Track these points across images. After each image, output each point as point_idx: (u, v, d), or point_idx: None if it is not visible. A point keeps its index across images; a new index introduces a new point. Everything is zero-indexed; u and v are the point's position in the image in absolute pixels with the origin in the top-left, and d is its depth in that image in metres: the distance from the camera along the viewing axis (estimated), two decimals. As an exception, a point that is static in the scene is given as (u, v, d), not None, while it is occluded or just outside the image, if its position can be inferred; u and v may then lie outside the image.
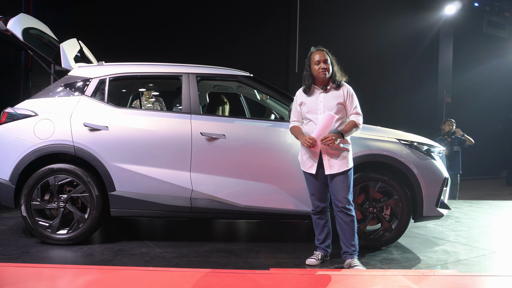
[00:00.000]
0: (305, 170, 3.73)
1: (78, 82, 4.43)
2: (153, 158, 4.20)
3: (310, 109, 3.67)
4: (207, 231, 5.19)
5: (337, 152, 3.60)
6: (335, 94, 3.66)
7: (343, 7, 12.90)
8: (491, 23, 15.41)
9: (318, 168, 3.65)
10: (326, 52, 3.70)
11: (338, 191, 3.61)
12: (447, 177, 4.48)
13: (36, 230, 4.20)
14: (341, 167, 3.59)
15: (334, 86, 3.69)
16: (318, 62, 3.64)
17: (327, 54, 3.69)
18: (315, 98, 3.69)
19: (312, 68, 3.68)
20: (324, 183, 3.70)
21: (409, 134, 4.54)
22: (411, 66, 14.13)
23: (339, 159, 3.60)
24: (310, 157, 3.67)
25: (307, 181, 3.76)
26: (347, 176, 3.62)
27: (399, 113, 13.02)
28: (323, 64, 3.63)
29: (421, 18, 13.98)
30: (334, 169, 3.59)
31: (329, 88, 3.69)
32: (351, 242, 3.63)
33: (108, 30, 9.78)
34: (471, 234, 5.17)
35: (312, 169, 3.66)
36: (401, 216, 4.27)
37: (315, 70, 3.66)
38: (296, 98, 3.81)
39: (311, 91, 3.72)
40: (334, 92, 3.67)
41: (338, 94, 3.66)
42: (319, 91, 3.70)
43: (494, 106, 15.71)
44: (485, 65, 15.26)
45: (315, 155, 3.64)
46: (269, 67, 11.97)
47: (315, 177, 3.68)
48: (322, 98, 3.66)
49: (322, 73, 3.63)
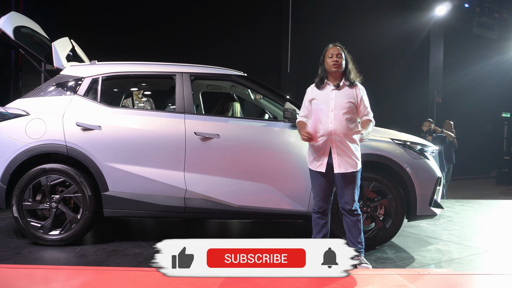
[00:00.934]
0: (313, 169, 3.64)
1: (70, 81, 4.39)
2: (147, 158, 4.17)
3: (321, 106, 3.60)
4: (201, 231, 5.16)
5: (347, 152, 3.55)
6: (348, 92, 3.61)
7: (335, 8, 12.95)
8: (481, 24, 15.57)
9: (327, 168, 3.59)
10: (341, 48, 3.67)
11: (346, 192, 3.57)
12: (440, 177, 4.51)
13: (27, 231, 4.15)
14: (350, 167, 3.54)
15: (347, 84, 3.64)
16: (331, 56, 3.62)
17: (342, 50, 3.66)
18: (326, 94, 3.62)
19: (326, 62, 3.65)
20: (330, 183, 3.65)
21: (402, 134, 4.55)
22: (403, 66, 14.23)
23: (349, 159, 3.55)
24: (319, 155, 3.60)
25: (314, 180, 3.68)
26: (355, 176, 3.57)
27: (391, 113, 13.09)
28: (336, 58, 3.60)
29: (412, 19, 14.07)
30: (342, 168, 3.53)
31: (342, 86, 3.63)
32: (357, 240, 3.61)
33: (99, 29, 9.73)
34: (463, 233, 5.20)
35: (322, 168, 3.58)
36: (395, 216, 4.28)
37: (327, 64, 3.63)
38: (307, 94, 3.75)
39: (323, 85, 3.66)
40: (347, 90, 3.62)
41: (351, 93, 3.61)
42: (331, 88, 3.63)
43: (484, 106, 15.87)
44: (475, 65, 15.41)
45: (325, 154, 3.58)
46: (261, 66, 11.98)
47: (323, 176, 3.61)
48: (334, 95, 3.59)
49: (334, 66, 3.59)
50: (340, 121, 3.53)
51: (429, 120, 9.26)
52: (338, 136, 3.53)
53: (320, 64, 3.71)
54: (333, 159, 3.55)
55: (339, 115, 3.54)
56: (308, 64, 12.27)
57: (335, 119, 3.54)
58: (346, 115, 3.55)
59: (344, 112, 3.55)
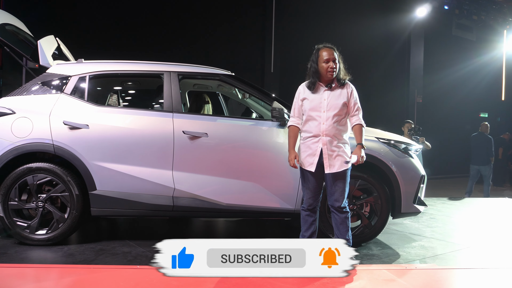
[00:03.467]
0: (304, 168, 3.68)
1: (56, 80, 4.35)
2: (135, 157, 4.17)
3: (313, 107, 3.63)
4: (189, 229, 5.17)
5: (338, 151, 3.60)
6: (340, 93, 3.65)
7: (318, 9, 13.06)
8: (460, 26, 15.87)
9: (317, 167, 3.63)
10: (334, 50, 3.66)
11: (336, 190, 3.63)
12: (424, 175, 4.61)
13: (14, 230, 4.11)
14: (341, 166, 3.60)
15: (338, 84, 3.67)
16: (327, 61, 3.60)
17: (335, 51, 3.66)
18: (319, 95, 3.65)
19: (320, 66, 3.63)
20: (320, 182, 3.70)
21: (387, 133, 4.64)
22: (384, 67, 14.41)
23: (339, 158, 3.60)
24: (310, 155, 3.63)
25: (304, 179, 3.73)
26: (346, 175, 3.64)
27: (372, 113, 13.18)
28: (332, 63, 3.59)
29: (393, 20, 14.27)
30: (334, 168, 3.59)
31: (334, 87, 3.67)
32: (345, 237, 3.67)
33: (78, 27, 9.62)
34: (445, 230, 5.33)
35: (312, 167, 3.62)
36: (380, 213, 4.36)
37: (323, 68, 3.61)
38: (299, 93, 3.76)
39: (315, 87, 3.68)
40: (339, 91, 3.66)
41: (343, 93, 3.65)
42: (324, 89, 3.67)
43: (463, 107, 16.17)
44: (454, 66, 15.70)
45: (316, 153, 3.61)
46: (244, 66, 12.00)
47: (314, 175, 3.65)
48: (327, 96, 3.63)
49: (330, 73, 3.60)
50: (332, 121, 3.59)
51: (409, 121, 9.37)
52: (329, 137, 3.59)
53: (311, 63, 3.68)
54: (324, 159, 3.60)
55: (331, 116, 3.60)
56: (291, 64, 12.39)
57: (327, 120, 3.59)
58: (337, 116, 3.61)
59: (336, 113, 3.60)
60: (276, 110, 4.11)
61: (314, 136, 3.62)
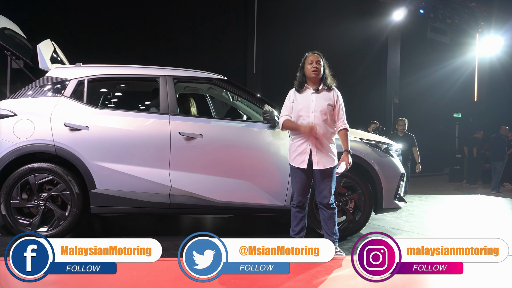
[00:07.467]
0: (295, 166, 3.96)
1: (56, 83, 4.51)
2: (133, 157, 4.37)
3: (302, 107, 3.95)
4: (185, 226, 5.38)
5: (325, 149, 3.92)
6: (326, 96, 3.98)
7: (299, 12, 13.36)
8: (435, 29, 16.41)
9: (308, 164, 3.92)
10: (320, 55, 4.02)
11: (324, 187, 3.93)
12: (404, 173, 4.94)
13: (16, 228, 4.27)
14: (328, 163, 3.91)
15: (325, 88, 4.01)
16: (311, 62, 3.97)
17: (320, 57, 4.01)
18: (307, 97, 3.98)
19: (305, 68, 3.99)
20: (310, 179, 3.99)
21: (369, 134, 4.96)
22: (362, 69, 14.81)
23: (327, 156, 3.92)
24: (300, 154, 3.93)
25: (295, 177, 4.01)
26: (333, 172, 3.95)
27: (352, 114, 13.54)
28: (315, 64, 3.95)
29: (371, 23, 14.68)
30: (321, 165, 3.89)
31: (321, 90, 4.00)
32: (332, 231, 3.98)
33: (62, 31, 9.66)
34: (423, 224, 5.69)
35: (303, 164, 3.91)
36: (364, 209, 4.67)
37: (307, 70, 3.97)
38: (289, 96, 4.08)
39: (303, 89, 4.01)
40: (325, 94, 3.99)
41: (329, 96, 3.99)
42: (311, 91, 3.99)
43: (438, 107, 16.72)
44: (429, 68, 16.22)
45: (306, 152, 3.91)
46: (226, 68, 12.19)
47: (305, 172, 3.94)
48: (314, 98, 3.96)
49: (314, 73, 3.94)
50: (320, 121, 3.90)
51: (375, 122, 9.93)
52: (317, 136, 3.88)
53: (299, 69, 4.06)
54: (312, 156, 3.90)
55: (319, 117, 3.90)
56: (273, 66, 12.67)
57: (315, 120, 3.90)
58: (324, 116, 3.92)
59: (323, 114, 3.91)
60: (268, 112, 4.36)
61: (303, 135, 3.92)
